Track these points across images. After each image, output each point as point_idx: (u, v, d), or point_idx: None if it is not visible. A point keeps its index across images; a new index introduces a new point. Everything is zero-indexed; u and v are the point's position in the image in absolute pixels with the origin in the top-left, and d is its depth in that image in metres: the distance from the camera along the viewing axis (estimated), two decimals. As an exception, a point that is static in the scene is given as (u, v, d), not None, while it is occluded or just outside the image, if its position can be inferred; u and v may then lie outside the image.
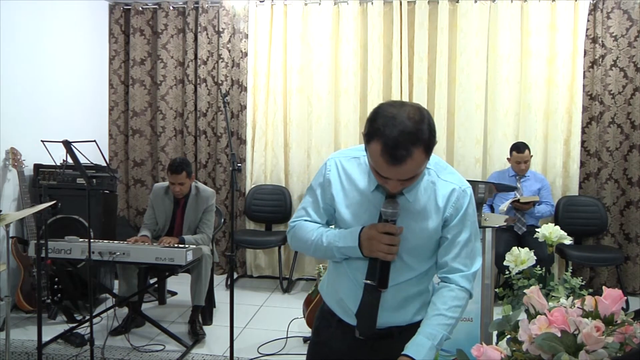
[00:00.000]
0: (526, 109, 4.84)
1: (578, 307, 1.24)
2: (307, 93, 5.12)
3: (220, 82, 5.23)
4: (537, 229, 3.02)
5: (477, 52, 4.85)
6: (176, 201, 3.95)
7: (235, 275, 5.20)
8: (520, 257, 2.74)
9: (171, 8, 5.31)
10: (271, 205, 5.11)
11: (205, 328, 3.81)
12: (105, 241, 3.67)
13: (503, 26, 4.82)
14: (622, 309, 1.24)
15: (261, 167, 5.23)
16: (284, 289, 4.84)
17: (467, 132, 4.90)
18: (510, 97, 4.86)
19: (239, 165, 3.00)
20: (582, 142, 4.83)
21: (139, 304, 3.84)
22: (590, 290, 2.55)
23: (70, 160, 3.21)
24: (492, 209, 4.56)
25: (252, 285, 5.06)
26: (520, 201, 4.39)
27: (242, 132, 5.23)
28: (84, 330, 3.47)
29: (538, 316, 1.24)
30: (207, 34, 5.26)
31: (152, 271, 4.02)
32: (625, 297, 1.33)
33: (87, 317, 3.16)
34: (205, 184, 4.86)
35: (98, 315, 3.77)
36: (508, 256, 2.79)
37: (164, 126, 5.33)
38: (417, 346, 1.44)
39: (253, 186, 5.21)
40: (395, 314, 1.56)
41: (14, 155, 3.98)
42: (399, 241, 1.47)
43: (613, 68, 4.75)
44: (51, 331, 3.58)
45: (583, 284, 2.74)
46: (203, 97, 5.28)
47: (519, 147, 4.49)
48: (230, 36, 5.24)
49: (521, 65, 4.86)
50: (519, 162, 4.50)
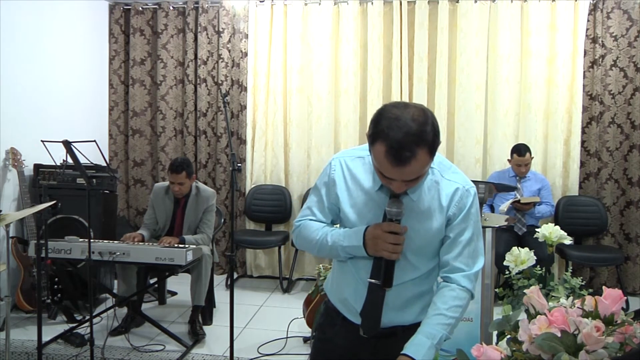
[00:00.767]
0: (526, 109, 4.84)
1: (578, 307, 1.24)
2: (307, 93, 5.12)
3: (220, 82, 5.23)
4: (537, 229, 3.02)
5: (477, 52, 4.85)
6: (176, 201, 3.95)
7: (235, 275, 5.20)
8: (520, 257, 2.74)
9: (171, 8, 5.31)
10: (271, 205, 5.11)
11: (205, 328, 3.81)
12: (105, 241, 3.67)
13: (503, 26, 4.82)
14: (622, 309, 1.24)
15: (261, 167, 5.23)
16: (284, 289, 4.84)
17: (467, 132, 4.90)
18: (510, 97, 4.86)
19: (239, 165, 3.00)
20: (582, 142, 4.83)
21: (138, 304, 3.84)
22: (590, 290, 2.56)
23: (70, 160, 3.21)
24: (492, 209, 4.56)
25: (252, 285, 5.06)
26: (521, 202, 4.38)
27: (242, 132, 5.23)
28: (84, 330, 3.47)
29: (538, 316, 1.24)
30: (207, 34, 5.26)
31: (152, 271, 4.03)
32: (625, 297, 1.33)
33: (87, 317, 3.16)
34: (205, 184, 4.86)
35: (98, 315, 3.77)
36: (508, 256, 2.79)
37: (164, 126, 5.33)
38: (416, 346, 1.44)
39: (253, 186, 5.21)
40: (399, 314, 1.57)
41: (14, 155, 3.98)
42: (403, 240, 1.47)
43: (613, 68, 4.75)
44: (51, 331, 3.58)
45: (583, 284, 2.74)
46: (203, 97, 5.28)
47: (520, 150, 4.47)
48: (230, 36, 5.24)
49: (521, 65, 4.86)
50: (519, 165, 4.49)
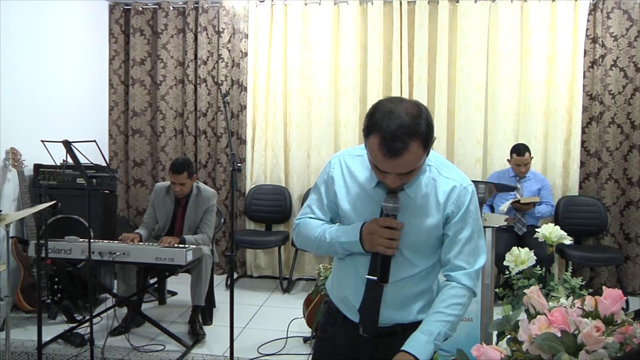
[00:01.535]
0: (526, 109, 4.84)
1: (578, 307, 1.24)
2: (307, 93, 5.12)
3: (220, 82, 5.23)
4: (537, 229, 3.02)
5: (477, 52, 4.85)
6: (177, 201, 3.95)
7: (235, 275, 5.20)
8: (520, 257, 2.74)
9: (171, 8, 5.31)
10: (271, 205, 5.11)
11: (205, 328, 3.80)
12: (105, 241, 3.67)
13: (503, 26, 4.82)
14: (622, 309, 1.24)
15: (261, 167, 5.23)
16: (284, 289, 4.84)
17: (467, 132, 4.90)
18: (510, 97, 4.86)
19: (239, 165, 3.00)
20: (582, 142, 4.83)
21: (138, 304, 3.84)
22: (590, 290, 2.56)
23: (70, 160, 3.21)
24: (492, 209, 4.56)
25: (252, 285, 5.06)
26: (521, 202, 4.38)
27: (242, 132, 5.23)
28: (84, 330, 3.47)
29: (538, 316, 1.24)
30: (207, 34, 5.26)
31: (152, 271, 4.02)
32: (625, 297, 1.33)
33: (87, 317, 3.16)
34: (205, 184, 4.85)
35: (98, 315, 3.77)
36: (508, 256, 2.79)
37: (164, 126, 5.33)
38: (414, 341, 1.46)
39: (253, 186, 5.21)
40: (398, 312, 1.57)
41: (14, 155, 3.98)
42: (399, 236, 1.48)
43: (613, 68, 4.75)
44: (51, 331, 3.57)
45: (583, 284, 2.74)
46: (203, 97, 5.28)
47: (519, 150, 4.47)
48: (230, 36, 5.24)
49: (521, 65, 4.85)
50: (518, 164, 4.49)
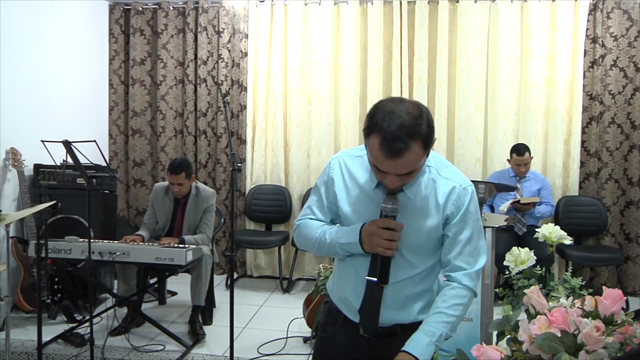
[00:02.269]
0: (526, 109, 4.84)
1: (578, 307, 1.24)
2: (307, 93, 5.12)
3: (220, 82, 5.23)
4: (537, 229, 3.02)
5: (477, 52, 4.85)
6: (176, 201, 3.95)
7: (235, 275, 5.20)
8: (520, 257, 2.74)
9: (171, 8, 5.31)
10: (271, 205, 5.11)
11: (205, 328, 3.80)
12: (105, 241, 3.67)
13: (503, 26, 4.82)
14: (622, 309, 1.24)
15: (261, 167, 5.23)
16: (284, 289, 4.84)
17: (467, 132, 4.90)
18: (510, 97, 4.86)
19: (239, 165, 3.00)
20: (582, 142, 4.83)
21: (138, 304, 3.84)
22: (590, 290, 2.56)
23: (70, 160, 3.21)
24: (492, 209, 4.56)
25: (252, 285, 5.06)
26: (521, 202, 4.38)
27: (242, 132, 5.23)
28: (84, 330, 3.47)
29: (538, 316, 1.24)
30: (207, 34, 5.26)
31: (152, 271, 4.02)
32: (625, 297, 1.33)
33: (87, 317, 3.16)
34: (205, 184, 4.86)
35: (98, 315, 3.77)
36: (508, 256, 2.79)
37: (164, 126, 5.33)
38: (415, 342, 1.46)
39: (253, 186, 5.21)
40: (398, 312, 1.57)
41: (14, 155, 3.98)
42: (399, 237, 1.48)
43: (613, 68, 4.75)
44: (51, 331, 3.57)
45: (583, 284, 2.74)
46: (203, 97, 5.28)
47: (519, 150, 4.47)
48: (230, 36, 5.24)
49: (521, 65, 4.85)
50: (518, 164, 4.49)
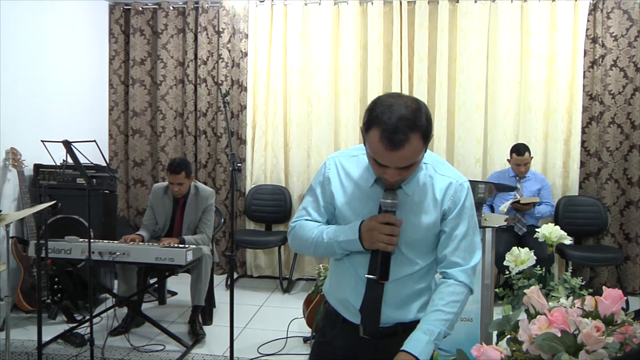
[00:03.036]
0: (526, 109, 4.84)
1: (578, 307, 1.24)
2: (307, 93, 5.12)
3: (220, 82, 5.23)
4: (537, 229, 3.02)
5: (477, 52, 4.85)
6: (176, 201, 3.95)
7: (235, 275, 5.20)
8: (520, 257, 2.74)
9: (171, 8, 5.31)
10: (271, 205, 5.11)
11: (205, 328, 3.80)
12: (105, 241, 3.67)
13: (503, 26, 4.82)
14: (622, 309, 1.24)
15: (261, 167, 5.23)
16: (284, 289, 4.84)
17: (467, 132, 4.90)
18: (510, 97, 4.86)
19: (239, 165, 3.00)
20: (582, 142, 4.83)
21: (138, 304, 3.84)
22: (590, 290, 2.56)
23: (70, 160, 3.21)
24: (492, 209, 4.56)
25: (252, 285, 5.06)
26: (521, 202, 4.38)
27: (242, 132, 5.23)
28: (84, 330, 3.47)
29: (538, 316, 1.24)
30: (207, 34, 5.26)
31: (152, 271, 4.02)
32: (625, 297, 1.33)
33: (87, 317, 3.16)
34: (205, 184, 4.86)
35: (98, 315, 3.77)
36: (508, 256, 2.79)
37: (164, 126, 5.33)
38: (415, 341, 1.46)
39: (253, 186, 5.21)
40: (398, 311, 1.57)
41: (14, 155, 3.98)
42: (399, 232, 1.49)
43: (613, 68, 4.75)
44: (51, 331, 3.57)
45: (583, 284, 2.74)
46: (203, 97, 5.28)
47: (519, 150, 4.47)
48: (230, 36, 5.24)
49: (521, 65, 4.85)
50: (518, 164, 4.49)
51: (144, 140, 5.42)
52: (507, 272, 2.82)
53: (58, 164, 3.94)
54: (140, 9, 5.34)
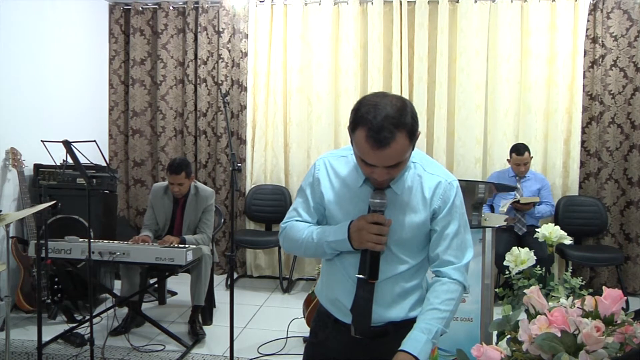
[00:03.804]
0: (526, 109, 4.84)
1: (578, 307, 1.24)
2: (307, 93, 5.12)
3: (220, 82, 5.23)
4: (537, 229, 3.01)
5: (477, 52, 4.85)
6: (176, 201, 3.95)
7: (235, 275, 5.20)
8: (520, 257, 2.73)
9: (171, 8, 5.31)
10: (271, 205, 5.11)
11: (205, 328, 3.81)
12: (105, 241, 3.67)
13: (503, 26, 4.83)
14: (622, 309, 1.24)
15: (261, 167, 5.23)
16: (284, 289, 4.84)
17: (467, 132, 4.90)
18: (510, 97, 4.86)
19: (239, 165, 3.00)
20: (582, 142, 4.83)
21: (138, 304, 3.84)
22: (590, 290, 2.55)
23: (70, 160, 3.21)
24: (492, 209, 4.56)
25: (252, 285, 5.06)
26: (521, 202, 4.38)
27: (242, 132, 5.23)
28: (84, 330, 3.47)
29: (538, 316, 1.24)
30: (207, 34, 5.26)
31: (152, 271, 4.02)
32: (625, 297, 1.33)
33: (87, 317, 3.16)
34: (205, 184, 4.86)
35: (98, 315, 3.77)
36: (508, 256, 2.79)
37: (164, 126, 5.33)
38: (413, 341, 1.46)
39: (253, 186, 5.21)
40: (389, 309, 1.57)
41: (14, 155, 3.98)
42: (387, 231, 1.49)
43: (613, 68, 4.75)
44: (51, 331, 3.57)
45: (583, 284, 2.74)
46: (203, 97, 5.28)
47: (519, 150, 4.47)
48: (230, 36, 5.24)
49: (521, 65, 4.85)
50: (518, 164, 4.49)
51: (144, 140, 5.42)
52: (507, 272, 2.82)
53: (58, 164, 3.95)
54: (140, 9, 5.34)
